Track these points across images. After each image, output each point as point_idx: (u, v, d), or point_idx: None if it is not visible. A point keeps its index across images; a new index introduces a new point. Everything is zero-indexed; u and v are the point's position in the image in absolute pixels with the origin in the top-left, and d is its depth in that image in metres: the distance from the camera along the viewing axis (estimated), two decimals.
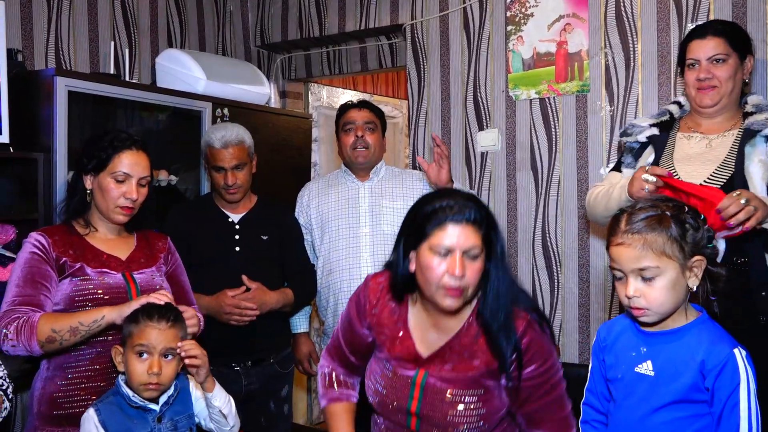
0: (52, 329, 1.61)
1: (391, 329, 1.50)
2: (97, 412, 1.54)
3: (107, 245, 1.81)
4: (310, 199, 2.51)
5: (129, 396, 1.55)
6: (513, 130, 2.84)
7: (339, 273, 2.40)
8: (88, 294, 1.71)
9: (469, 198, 1.41)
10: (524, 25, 2.80)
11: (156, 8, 3.14)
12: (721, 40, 1.89)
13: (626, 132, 2.08)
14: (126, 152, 1.77)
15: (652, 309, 1.30)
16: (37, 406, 1.71)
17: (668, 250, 1.28)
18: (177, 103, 2.69)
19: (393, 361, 1.49)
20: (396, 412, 1.47)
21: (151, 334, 1.55)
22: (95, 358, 1.69)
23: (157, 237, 1.93)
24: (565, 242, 2.73)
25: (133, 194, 1.76)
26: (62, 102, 2.26)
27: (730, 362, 1.24)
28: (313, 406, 3.92)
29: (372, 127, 2.46)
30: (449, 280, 1.35)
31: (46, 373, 1.72)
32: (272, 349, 2.32)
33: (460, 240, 1.34)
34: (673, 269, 1.28)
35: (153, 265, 1.84)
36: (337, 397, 1.61)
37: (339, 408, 1.59)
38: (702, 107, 1.94)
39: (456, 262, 1.34)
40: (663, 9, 2.52)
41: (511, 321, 1.40)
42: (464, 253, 1.35)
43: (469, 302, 1.44)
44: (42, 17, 2.65)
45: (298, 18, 3.44)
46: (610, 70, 2.63)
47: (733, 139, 1.89)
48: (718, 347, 1.27)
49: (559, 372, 1.46)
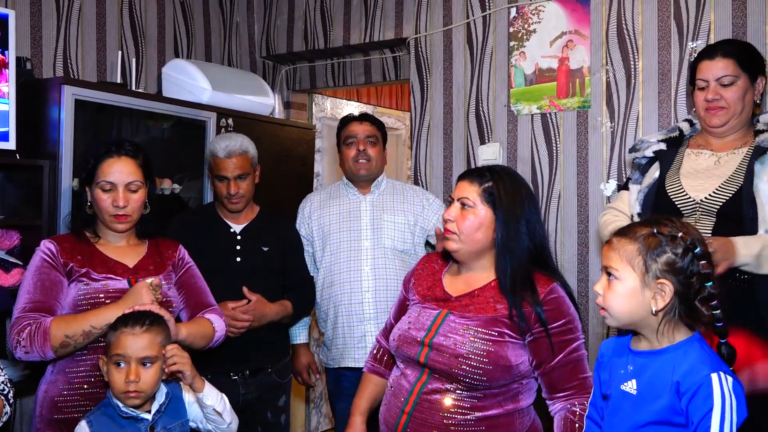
0: (65, 335, 1.63)
1: (427, 279, 1.76)
2: (89, 424, 1.54)
3: (116, 252, 1.83)
4: (311, 211, 2.53)
5: (119, 407, 1.55)
6: (514, 145, 2.87)
7: (340, 285, 2.41)
8: (91, 298, 1.72)
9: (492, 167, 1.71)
10: (527, 40, 2.83)
11: (163, 18, 3.18)
12: (730, 62, 1.87)
13: (635, 148, 2.08)
14: (108, 160, 1.78)
15: (609, 311, 1.34)
16: (39, 409, 1.73)
17: (633, 260, 1.30)
18: (182, 113, 2.72)
19: (423, 303, 1.70)
20: (412, 343, 1.63)
21: (126, 342, 1.54)
22: (96, 364, 1.70)
23: (168, 245, 1.95)
24: (565, 256, 2.74)
25: (120, 201, 1.76)
26: (69, 110, 2.29)
27: (705, 386, 1.22)
28: (311, 416, 3.92)
29: (373, 141, 2.48)
30: (443, 222, 1.67)
31: (50, 377, 1.74)
32: (270, 358, 2.32)
33: (460, 191, 1.65)
34: (633, 280, 1.30)
35: (161, 273, 1.85)
36: (374, 369, 1.85)
37: (369, 378, 1.84)
38: (711, 127, 1.93)
39: (450, 208, 1.66)
40: (664, 27, 2.54)
41: (532, 279, 1.60)
42: (458, 200, 1.65)
43: (476, 255, 1.66)
44: (51, 26, 2.69)
45: (303, 30, 3.48)
46: (611, 86, 2.65)
47: (742, 156, 1.88)
48: (695, 369, 1.25)
49: (580, 337, 1.60)
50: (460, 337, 1.57)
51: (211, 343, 1.87)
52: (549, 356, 1.56)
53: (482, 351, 1.54)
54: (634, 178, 2.05)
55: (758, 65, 1.92)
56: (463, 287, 1.68)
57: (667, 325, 1.31)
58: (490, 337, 1.56)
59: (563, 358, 1.56)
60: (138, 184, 1.80)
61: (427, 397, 1.58)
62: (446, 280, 1.72)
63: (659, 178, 1.97)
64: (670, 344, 1.32)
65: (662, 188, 1.93)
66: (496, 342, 1.56)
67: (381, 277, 2.39)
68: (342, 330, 2.41)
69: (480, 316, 1.59)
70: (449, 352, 1.56)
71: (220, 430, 1.67)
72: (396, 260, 2.40)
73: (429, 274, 1.77)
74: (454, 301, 1.65)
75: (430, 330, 1.62)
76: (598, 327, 2.65)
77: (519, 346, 1.58)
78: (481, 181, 1.64)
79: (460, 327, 1.59)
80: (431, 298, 1.70)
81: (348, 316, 2.40)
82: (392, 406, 1.64)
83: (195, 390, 1.61)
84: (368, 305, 2.38)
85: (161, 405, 1.59)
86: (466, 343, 1.56)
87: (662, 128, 2.52)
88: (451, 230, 1.64)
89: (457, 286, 1.69)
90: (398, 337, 1.68)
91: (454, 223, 1.63)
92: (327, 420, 3.98)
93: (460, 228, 1.63)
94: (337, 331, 2.43)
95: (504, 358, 1.55)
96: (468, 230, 1.62)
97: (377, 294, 2.38)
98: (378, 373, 1.83)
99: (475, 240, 1.63)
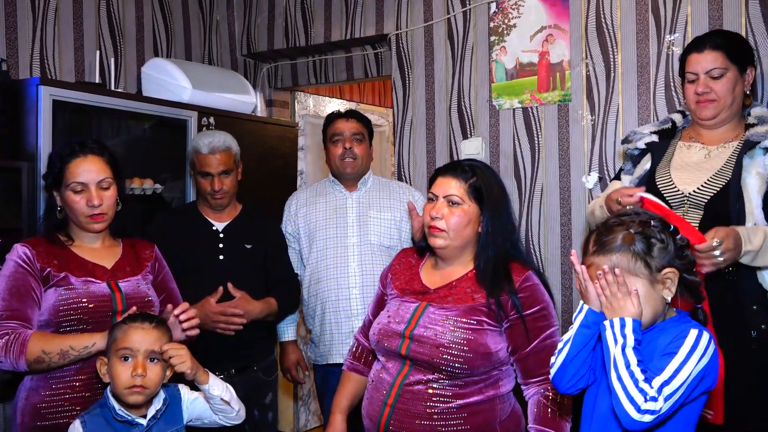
0: (42, 350, 1.61)
1: (405, 274, 1.77)
2: (83, 424, 1.52)
3: (92, 254, 1.80)
4: (297, 208, 2.52)
5: (115, 409, 1.54)
6: (497, 139, 2.88)
7: (327, 282, 2.41)
8: (73, 303, 1.70)
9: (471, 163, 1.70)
10: (507, 35, 2.85)
11: (142, 17, 3.15)
12: (719, 54, 1.86)
13: (627, 139, 2.08)
14: (74, 161, 1.75)
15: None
16: (20, 417, 1.69)
17: (633, 268, 1.29)
18: (163, 112, 2.70)
19: (401, 297, 1.72)
20: (393, 336, 1.65)
21: (135, 335, 1.55)
22: (80, 369, 1.69)
23: (144, 245, 1.93)
24: (548, 249, 2.76)
25: (94, 200, 1.74)
26: (47, 111, 2.26)
27: (683, 333, 1.26)
28: (299, 414, 3.92)
29: (360, 138, 2.47)
30: (429, 220, 1.66)
31: (30, 383, 1.71)
32: (256, 357, 2.32)
33: (445, 188, 1.65)
34: (642, 285, 1.29)
35: (138, 274, 1.84)
36: (353, 367, 1.86)
37: (348, 376, 1.86)
38: (702, 120, 1.92)
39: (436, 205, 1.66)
40: (642, 21, 2.57)
41: (508, 269, 1.63)
42: (444, 197, 1.65)
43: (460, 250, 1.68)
44: (27, 26, 2.65)
45: (284, 27, 3.47)
46: (591, 80, 2.67)
47: (732, 150, 1.88)
48: (678, 333, 1.28)
49: (554, 323, 1.63)
50: (441, 328, 1.59)
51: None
52: (524, 342, 1.59)
53: (462, 340, 1.57)
54: (626, 168, 2.06)
55: (747, 56, 1.92)
56: (440, 280, 1.70)
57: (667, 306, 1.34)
58: (469, 326, 1.59)
59: (538, 344, 1.59)
60: (109, 181, 1.78)
61: (409, 388, 1.59)
62: (423, 274, 1.75)
63: (650, 169, 1.97)
64: (658, 322, 1.34)
65: (652, 180, 1.94)
66: (476, 330, 1.58)
67: (368, 273, 2.39)
68: (329, 326, 2.41)
69: (459, 306, 1.62)
70: (430, 343, 1.58)
71: (229, 419, 1.67)
72: (383, 256, 2.40)
73: (406, 269, 1.79)
74: (433, 293, 1.68)
75: (410, 322, 1.64)
76: None
77: (497, 333, 1.60)
78: (466, 177, 1.65)
79: (440, 318, 1.61)
80: (410, 291, 1.72)
81: (335, 312, 2.40)
82: (374, 400, 1.65)
83: (200, 383, 1.60)
84: (355, 301, 2.39)
85: (157, 411, 1.58)
86: (447, 333, 1.58)
87: (642, 121, 2.54)
88: (440, 227, 1.64)
89: (435, 278, 1.72)
90: (379, 331, 1.69)
91: (443, 221, 1.64)
92: (315, 417, 3.98)
93: (449, 225, 1.64)
94: (324, 328, 2.43)
95: (483, 346, 1.57)
96: (457, 227, 1.64)
97: (364, 290, 2.39)
98: (358, 371, 1.84)
99: (463, 236, 1.65)
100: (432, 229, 1.66)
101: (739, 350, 1.72)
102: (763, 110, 1.92)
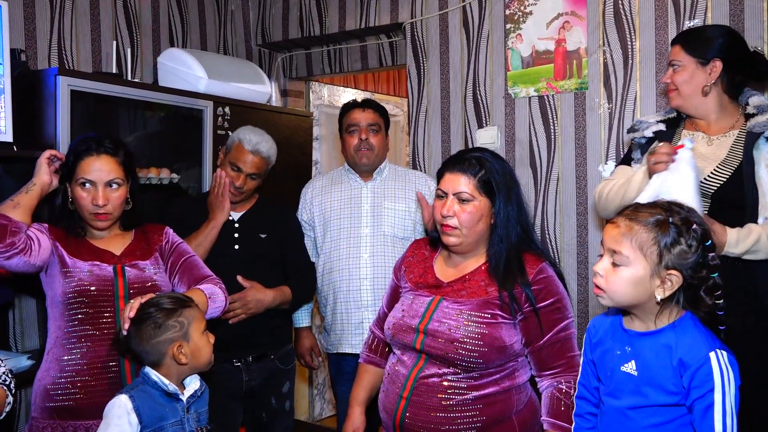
0: None
1: (418, 266, 1.77)
2: (131, 398, 1.53)
3: (103, 242, 1.85)
4: (313, 197, 2.53)
5: (164, 383, 1.57)
6: (512, 128, 2.86)
7: (339, 272, 2.42)
8: (76, 287, 1.74)
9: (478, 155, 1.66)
10: (523, 23, 2.82)
11: (158, 8, 3.16)
12: (676, 47, 1.95)
13: (634, 128, 2.09)
14: (87, 159, 1.78)
15: (608, 294, 1.32)
16: (34, 397, 1.76)
17: (645, 248, 1.28)
18: (178, 102, 2.71)
19: (415, 290, 1.71)
20: (407, 331, 1.65)
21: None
22: (86, 353, 1.73)
23: (154, 229, 1.95)
24: (564, 239, 2.75)
25: (99, 200, 1.76)
26: (65, 101, 2.29)
27: (705, 365, 1.24)
28: (315, 402, 3.95)
29: (376, 129, 2.46)
30: (441, 218, 1.64)
31: (45, 365, 1.76)
32: (273, 344, 2.33)
33: (454, 185, 1.62)
34: (642, 268, 1.28)
35: (148, 258, 1.86)
36: (369, 359, 1.87)
37: (365, 368, 1.86)
38: (672, 107, 2.02)
39: (446, 203, 1.63)
40: (661, 6, 2.53)
41: (521, 261, 1.62)
42: (454, 194, 1.63)
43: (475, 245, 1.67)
44: (45, 17, 2.68)
45: (298, 17, 3.46)
46: (609, 67, 2.64)
47: (734, 139, 1.89)
48: (695, 348, 1.26)
49: (569, 315, 1.62)
50: (454, 322, 1.59)
51: (209, 312, 1.81)
52: (538, 335, 1.59)
53: (476, 334, 1.56)
54: (636, 158, 2.05)
55: (709, 50, 1.90)
56: (454, 273, 1.70)
57: (665, 309, 1.31)
58: (483, 320, 1.58)
59: (552, 336, 1.59)
60: (118, 181, 1.80)
61: (424, 381, 1.60)
62: (437, 267, 1.74)
63: None
64: (665, 324, 1.32)
65: None
66: (490, 324, 1.58)
67: (379, 265, 2.40)
68: (340, 316, 2.42)
69: (472, 300, 1.61)
70: (444, 338, 1.58)
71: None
72: (396, 248, 2.40)
73: (419, 261, 1.78)
74: (446, 286, 1.67)
75: (424, 317, 1.64)
76: (598, 308, 2.65)
77: (511, 326, 1.60)
78: (474, 171, 1.62)
79: (454, 312, 1.61)
80: (423, 285, 1.71)
81: (346, 302, 2.41)
82: (390, 393, 1.66)
83: None
84: (366, 292, 2.39)
85: (196, 391, 1.63)
86: (461, 327, 1.57)
87: (660, 109, 2.51)
88: (452, 225, 1.63)
89: (448, 272, 1.71)
90: (393, 326, 1.69)
91: (454, 218, 1.62)
92: (330, 406, 4.01)
93: (461, 222, 1.62)
94: (336, 317, 2.44)
95: (498, 339, 1.57)
96: (470, 223, 1.62)
97: (375, 281, 2.39)
98: (374, 363, 1.85)
99: (476, 231, 1.64)
100: (444, 227, 1.65)
101: (749, 334, 1.73)
102: (761, 99, 1.92)
